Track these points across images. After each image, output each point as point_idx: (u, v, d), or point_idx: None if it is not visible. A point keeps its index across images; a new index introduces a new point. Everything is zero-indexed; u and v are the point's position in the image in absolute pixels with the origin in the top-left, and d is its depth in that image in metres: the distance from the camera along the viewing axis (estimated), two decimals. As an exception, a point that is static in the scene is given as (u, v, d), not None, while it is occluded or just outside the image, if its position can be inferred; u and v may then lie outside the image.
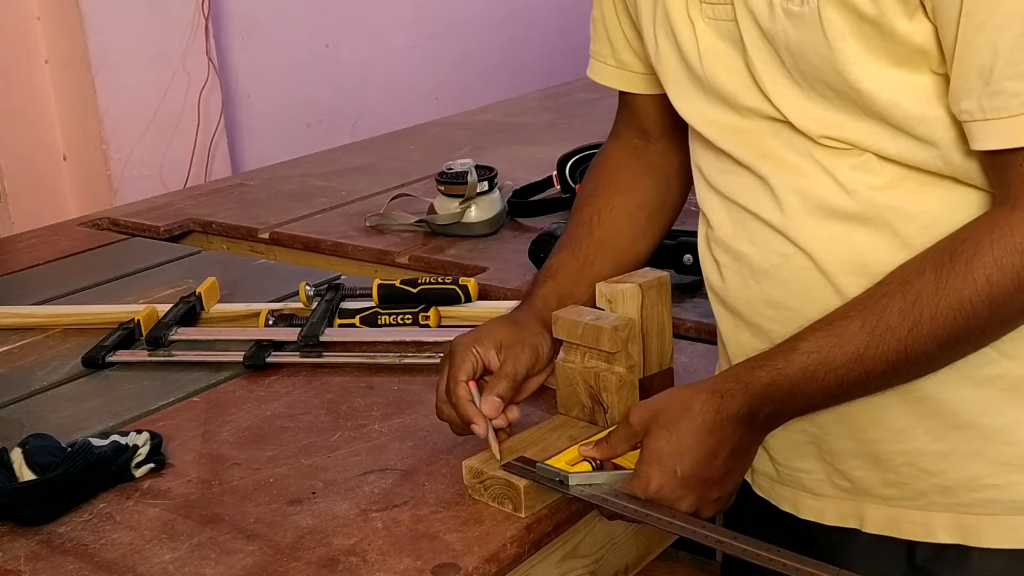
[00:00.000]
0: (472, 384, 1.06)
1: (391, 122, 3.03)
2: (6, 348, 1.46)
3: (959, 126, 0.87)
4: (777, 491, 1.07)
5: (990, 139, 0.84)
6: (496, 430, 1.06)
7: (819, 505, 1.04)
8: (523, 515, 1.01)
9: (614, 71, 1.16)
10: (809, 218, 0.95)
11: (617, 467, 1.00)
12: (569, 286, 1.15)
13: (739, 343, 1.05)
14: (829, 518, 1.03)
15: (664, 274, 1.17)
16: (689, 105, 1.02)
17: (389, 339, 1.41)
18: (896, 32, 0.86)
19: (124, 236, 1.98)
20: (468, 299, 1.48)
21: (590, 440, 1.02)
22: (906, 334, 0.87)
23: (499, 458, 1.04)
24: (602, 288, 1.13)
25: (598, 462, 1.00)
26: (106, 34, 2.72)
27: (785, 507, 1.06)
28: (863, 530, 1.01)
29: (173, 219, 2.03)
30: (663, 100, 1.08)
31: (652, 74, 1.09)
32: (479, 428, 1.05)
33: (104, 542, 1.01)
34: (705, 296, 1.50)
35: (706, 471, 0.93)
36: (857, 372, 0.90)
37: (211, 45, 2.94)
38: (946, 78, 0.86)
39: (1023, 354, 0.92)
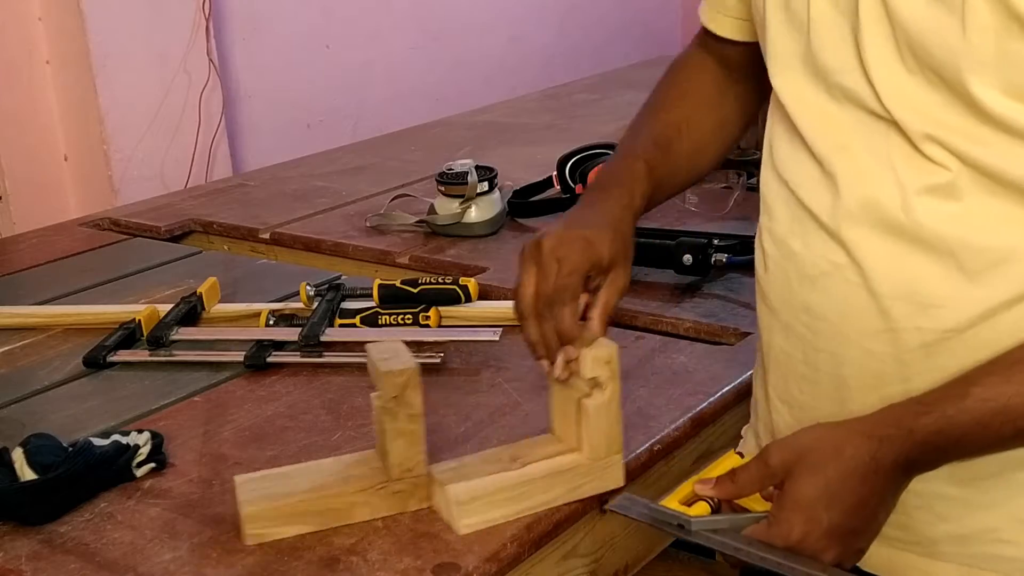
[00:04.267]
0: (586, 296, 1.00)
1: (391, 122, 3.03)
2: (7, 348, 1.47)
3: None
4: None
5: None
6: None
7: None
8: (248, 543, 0.98)
9: (733, 22, 1.09)
10: (868, 231, 0.88)
11: (738, 509, 0.92)
12: (652, 161, 1.09)
13: (771, 343, 1.00)
14: None
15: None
16: (782, 69, 0.94)
17: (389, 339, 1.41)
18: None
19: (125, 236, 1.98)
20: (468, 299, 1.48)
21: (709, 477, 0.93)
22: None
23: (557, 374, 0.99)
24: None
25: (716, 502, 0.93)
26: (107, 35, 2.71)
27: None
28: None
29: (174, 219, 2.03)
30: (756, 51, 1.01)
31: (749, 20, 1.03)
32: (558, 366, 0.98)
33: (105, 541, 1.01)
34: (705, 296, 1.51)
35: (855, 521, 0.86)
36: None
37: (212, 45, 2.94)
38: None
39: None
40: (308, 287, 1.50)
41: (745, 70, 1.10)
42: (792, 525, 0.86)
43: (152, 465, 1.12)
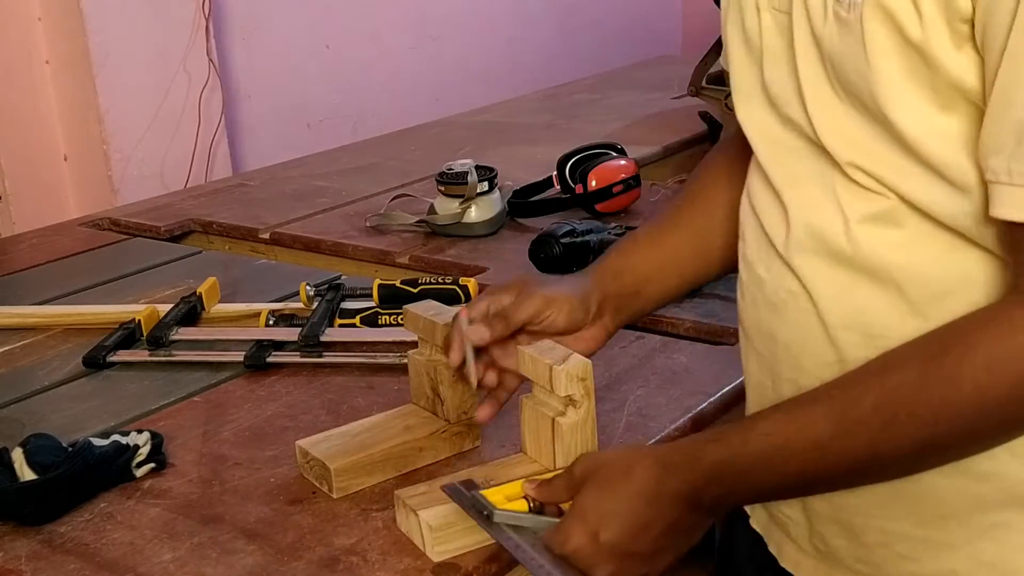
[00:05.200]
0: (465, 314, 1.02)
1: (391, 122, 3.03)
2: (7, 348, 1.47)
3: None
4: (770, 531, 1.01)
5: (1009, 207, 0.73)
6: (481, 365, 1.04)
7: (798, 557, 0.97)
8: (335, 496, 1.04)
9: None
10: (817, 259, 0.87)
11: (561, 513, 0.92)
12: (632, 261, 1.09)
13: (748, 369, 0.99)
14: (804, 574, 0.97)
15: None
16: (743, 100, 0.94)
17: (390, 339, 1.41)
18: (941, 65, 0.76)
19: (125, 236, 1.98)
20: (468, 299, 1.48)
21: (537, 477, 0.95)
22: (878, 431, 0.78)
23: (473, 383, 1.03)
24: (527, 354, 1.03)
25: (537, 504, 0.93)
26: (107, 35, 2.71)
27: (772, 548, 1.01)
28: None
29: (174, 219, 2.03)
30: None
31: None
32: (453, 354, 1.02)
33: (105, 542, 1.01)
34: (705, 296, 1.51)
35: (633, 543, 0.85)
36: (819, 464, 0.81)
37: (212, 45, 2.94)
38: None
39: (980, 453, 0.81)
40: (308, 287, 1.50)
41: None
42: (569, 534, 0.86)
43: (152, 465, 1.12)
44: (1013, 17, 0.71)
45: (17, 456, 1.06)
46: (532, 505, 0.93)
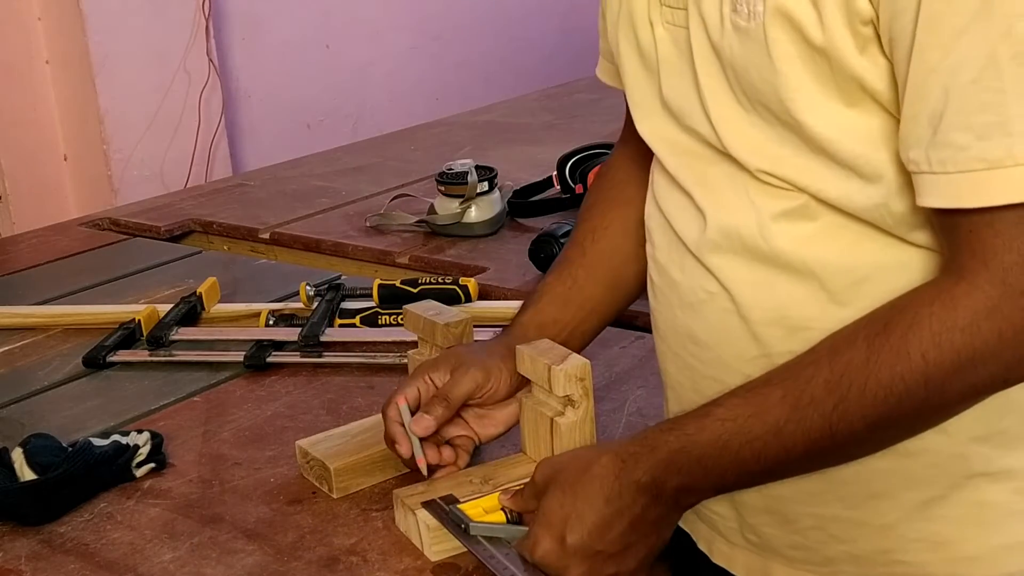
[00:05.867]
0: (402, 401, 1.02)
1: (391, 122, 3.03)
2: (7, 348, 1.47)
3: (907, 172, 0.78)
4: (696, 528, 1.01)
5: (934, 195, 0.75)
6: (433, 447, 1.03)
7: (730, 552, 0.97)
8: (335, 496, 1.04)
9: (614, 69, 1.08)
10: (734, 259, 0.88)
11: None
12: (553, 312, 1.08)
13: (666, 371, 1.00)
14: (737, 569, 0.97)
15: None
16: (644, 115, 0.95)
17: (389, 339, 1.41)
18: (846, 66, 0.78)
19: (125, 236, 1.98)
20: (468, 299, 1.48)
21: (512, 487, 0.96)
22: (831, 410, 0.78)
23: (425, 474, 1.02)
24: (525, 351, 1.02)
25: (515, 514, 0.93)
26: (107, 34, 2.72)
27: (701, 545, 1.00)
28: None
29: (174, 219, 2.03)
30: None
31: None
32: (402, 447, 1.02)
33: (105, 542, 1.01)
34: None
35: (599, 542, 0.85)
36: (776, 447, 0.81)
37: (212, 45, 2.95)
38: (898, 121, 0.78)
39: (955, 428, 0.83)
40: (308, 287, 1.50)
41: None
42: (537, 540, 0.86)
43: (152, 465, 1.12)
44: (916, 14, 0.73)
45: (17, 456, 1.06)
46: (509, 516, 0.94)
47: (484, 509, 0.95)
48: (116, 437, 1.11)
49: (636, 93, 0.96)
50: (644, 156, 1.03)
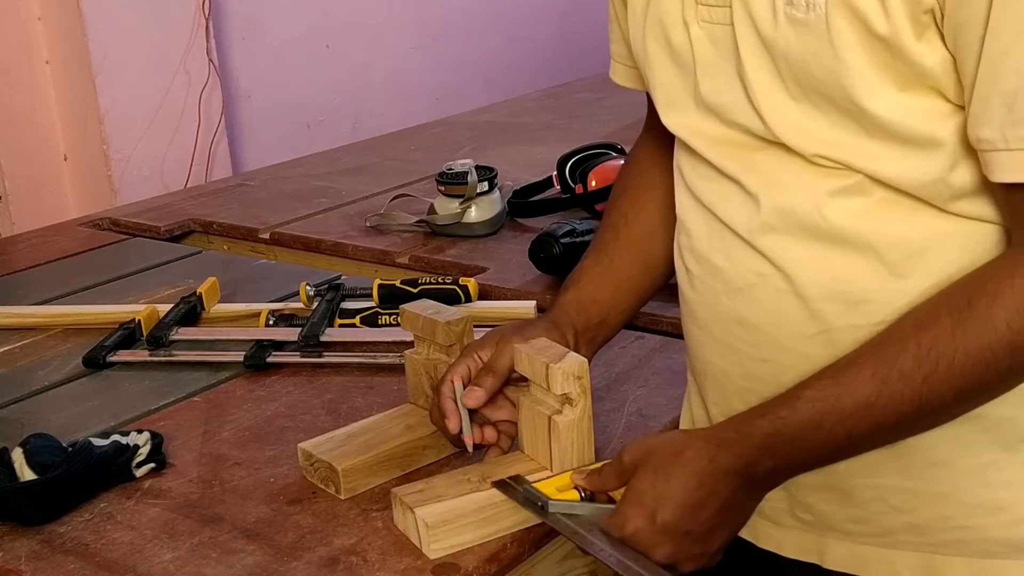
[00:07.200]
0: (457, 379, 1.04)
1: (391, 122, 3.03)
2: (7, 348, 1.47)
3: (969, 152, 0.82)
4: None
5: (1011, 171, 0.79)
6: (477, 428, 1.05)
7: (778, 535, 1.00)
8: (343, 497, 1.05)
9: (630, 71, 1.10)
10: (789, 238, 0.90)
11: (612, 501, 0.95)
12: (592, 292, 1.11)
13: (706, 361, 1.01)
14: (788, 550, 0.99)
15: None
16: (677, 116, 0.97)
17: (389, 339, 1.41)
18: (905, 52, 0.81)
19: (125, 236, 1.98)
20: (468, 299, 1.48)
21: (586, 468, 0.99)
22: (920, 383, 0.82)
23: (470, 451, 1.04)
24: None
25: (588, 493, 0.96)
26: (107, 34, 2.72)
27: (744, 534, 0.99)
28: (823, 566, 0.97)
29: (174, 219, 2.03)
30: None
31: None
32: (451, 422, 1.03)
33: (105, 542, 1.01)
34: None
35: (689, 523, 0.88)
36: (867, 423, 0.84)
37: (212, 45, 2.94)
38: (953, 103, 0.83)
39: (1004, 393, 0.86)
40: (308, 287, 1.51)
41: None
42: (627, 518, 0.89)
43: (152, 465, 1.12)
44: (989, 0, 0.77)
45: (17, 456, 1.06)
46: (583, 494, 0.96)
47: (556, 488, 0.97)
48: (116, 437, 1.11)
49: (668, 93, 0.97)
50: (668, 143, 1.06)
